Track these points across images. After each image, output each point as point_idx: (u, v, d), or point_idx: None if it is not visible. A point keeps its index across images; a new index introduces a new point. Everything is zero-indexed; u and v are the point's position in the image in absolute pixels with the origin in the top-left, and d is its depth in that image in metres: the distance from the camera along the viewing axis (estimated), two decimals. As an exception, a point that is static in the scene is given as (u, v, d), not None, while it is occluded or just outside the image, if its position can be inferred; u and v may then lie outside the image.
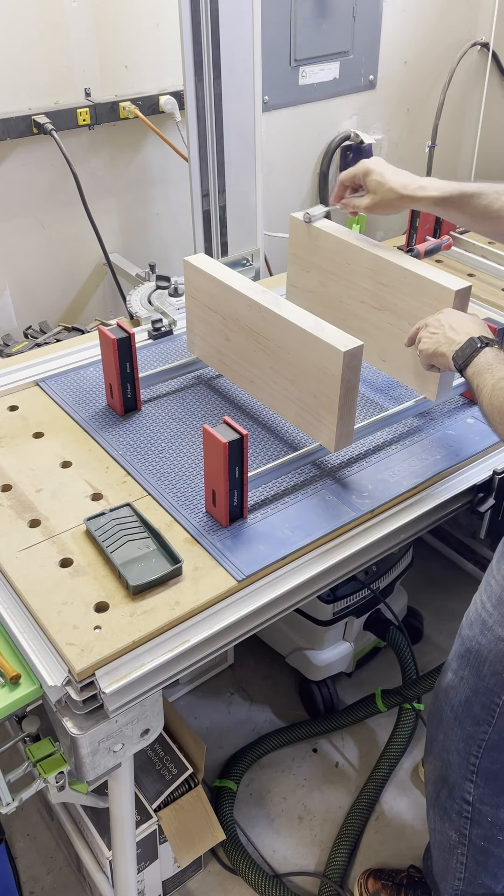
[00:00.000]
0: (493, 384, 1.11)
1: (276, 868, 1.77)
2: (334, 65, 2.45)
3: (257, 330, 1.36)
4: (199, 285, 1.47)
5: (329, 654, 1.99)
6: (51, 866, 1.77)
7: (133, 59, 2.07)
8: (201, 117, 1.73)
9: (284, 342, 1.31)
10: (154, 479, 1.33)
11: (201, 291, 1.47)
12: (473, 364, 1.16)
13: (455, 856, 1.44)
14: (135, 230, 2.30)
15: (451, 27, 2.70)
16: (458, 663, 1.34)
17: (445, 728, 1.38)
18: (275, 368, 1.36)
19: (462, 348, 1.19)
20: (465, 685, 1.32)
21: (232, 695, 2.13)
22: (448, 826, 1.43)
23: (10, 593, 1.13)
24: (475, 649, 1.29)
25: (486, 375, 1.13)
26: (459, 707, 1.34)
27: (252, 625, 1.14)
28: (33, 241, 2.14)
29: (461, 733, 1.34)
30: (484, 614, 1.28)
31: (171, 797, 1.55)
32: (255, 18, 1.70)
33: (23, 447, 1.40)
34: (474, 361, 1.16)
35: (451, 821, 1.42)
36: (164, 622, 1.07)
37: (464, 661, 1.32)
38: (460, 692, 1.33)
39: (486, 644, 1.27)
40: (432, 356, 1.26)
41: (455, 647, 1.36)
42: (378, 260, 1.42)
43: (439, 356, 1.24)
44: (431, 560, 2.49)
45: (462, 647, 1.33)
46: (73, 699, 1.01)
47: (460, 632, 1.35)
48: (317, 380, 1.26)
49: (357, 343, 1.20)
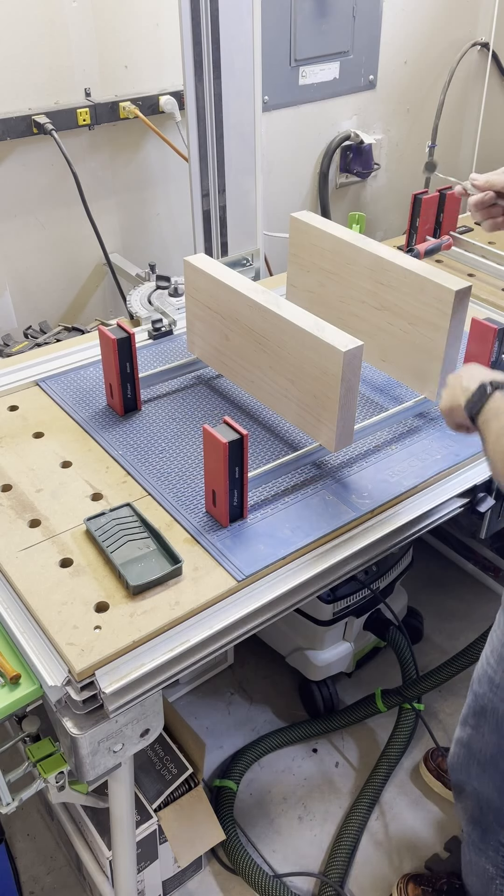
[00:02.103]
0: (497, 431, 1.04)
1: (276, 868, 1.77)
2: (334, 65, 2.45)
3: (257, 330, 1.36)
4: (199, 285, 1.47)
5: (329, 654, 1.99)
6: (51, 866, 1.77)
7: (133, 59, 2.07)
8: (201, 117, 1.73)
9: (284, 342, 1.31)
10: (154, 479, 1.33)
11: (201, 291, 1.47)
12: (483, 412, 1.07)
13: (494, 885, 1.49)
14: (135, 230, 2.30)
15: (451, 27, 2.70)
16: (475, 720, 1.38)
17: (474, 779, 1.42)
18: (275, 368, 1.36)
19: (473, 395, 1.09)
20: (488, 744, 1.37)
21: (232, 695, 2.13)
22: (485, 860, 1.48)
23: (10, 593, 1.13)
24: (490, 708, 1.33)
25: (492, 423, 1.05)
26: (487, 763, 1.38)
27: (252, 625, 1.14)
28: (33, 241, 2.14)
29: (492, 784, 1.39)
30: (490, 671, 1.32)
31: (171, 797, 1.55)
32: (255, 18, 1.70)
33: (23, 447, 1.40)
34: (484, 409, 1.07)
35: (488, 856, 1.47)
36: (164, 622, 1.07)
37: (481, 719, 1.36)
38: (486, 750, 1.38)
39: (497, 703, 1.31)
40: (451, 412, 1.15)
41: (469, 701, 1.40)
42: (378, 260, 1.42)
43: (456, 409, 1.13)
44: (431, 560, 2.49)
45: (477, 705, 1.37)
46: (73, 699, 1.01)
47: (472, 686, 1.38)
48: (317, 380, 1.26)
49: (357, 343, 1.20)
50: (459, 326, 1.35)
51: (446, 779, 1.88)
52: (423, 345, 1.40)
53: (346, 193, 2.74)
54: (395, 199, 2.89)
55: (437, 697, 2.12)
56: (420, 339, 1.40)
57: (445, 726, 2.06)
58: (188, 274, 1.49)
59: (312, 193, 2.63)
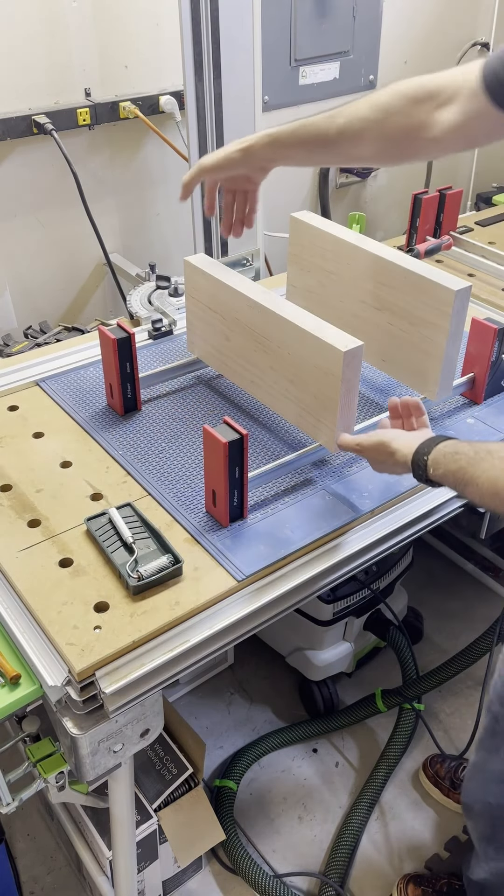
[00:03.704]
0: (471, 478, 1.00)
1: (276, 868, 1.77)
2: (334, 65, 2.45)
3: (258, 330, 1.36)
4: (200, 285, 1.47)
5: (329, 654, 1.99)
6: (51, 866, 1.77)
7: (133, 59, 2.07)
8: (201, 117, 1.73)
9: (284, 342, 1.31)
10: (154, 479, 1.33)
11: (201, 291, 1.47)
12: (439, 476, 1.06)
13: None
14: (135, 230, 2.30)
15: (451, 27, 2.70)
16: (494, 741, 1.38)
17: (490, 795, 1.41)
18: (275, 368, 1.36)
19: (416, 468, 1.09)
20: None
21: (232, 695, 2.13)
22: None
23: (10, 593, 1.13)
24: None
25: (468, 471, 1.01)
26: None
27: (252, 625, 1.14)
28: (33, 241, 2.14)
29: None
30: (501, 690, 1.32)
31: (171, 797, 1.55)
32: (255, 18, 1.70)
33: (23, 447, 1.40)
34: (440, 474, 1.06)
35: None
36: (164, 622, 1.07)
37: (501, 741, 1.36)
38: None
39: None
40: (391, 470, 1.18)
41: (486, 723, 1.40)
42: (378, 260, 1.42)
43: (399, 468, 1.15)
44: (431, 560, 2.49)
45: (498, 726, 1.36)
46: (73, 699, 1.01)
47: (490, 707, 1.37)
48: (317, 380, 1.26)
49: (357, 343, 1.20)
50: (459, 326, 1.35)
51: (444, 785, 1.89)
52: (423, 345, 1.40)
53: (346, 193, 2.74)
54: (395, 199, 2.89)
55: (437, 697, 2.13)
56: (420, 339, 1.40)
57: (446, 726, 2.06)
58: (188, 274, 1.49)
59: (312, 193, 2.63)
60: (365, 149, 1.15)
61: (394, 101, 1.11)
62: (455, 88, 1.08)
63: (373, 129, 1.13)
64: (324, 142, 1.18)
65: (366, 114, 1.13)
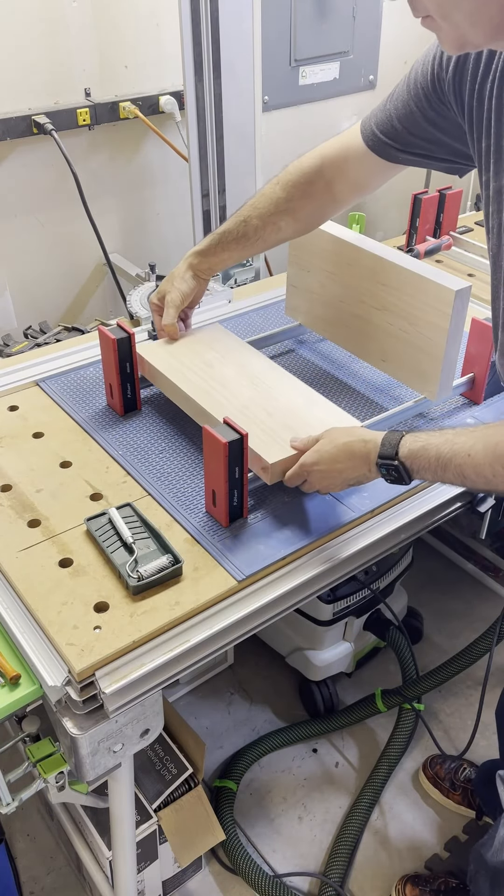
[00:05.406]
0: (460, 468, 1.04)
1: (276, 868, 1.77)
2: (334, 65, 2.45)
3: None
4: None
5: (329, 654, 1.99)
6: (51, 866, 1.77)
7: (133, 59, 2.08)
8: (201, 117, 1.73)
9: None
10: (154, 479, 1.33)
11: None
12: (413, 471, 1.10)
13: None
14: (135, 230, 2.30)
15: (451, 27, 2.69)
16: None
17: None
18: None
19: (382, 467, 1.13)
20: None
21: (232, 695, 2.13)
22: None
23: (10, 593, 1.13)
24: None
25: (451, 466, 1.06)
26: None
27: (252, 625, 1.14)
28: (33, 241, 2.14)
29: None
30: None
31: (171, 797, 1.55)
32: (255, 18, 1.70)
33: (23, 447, 1.40)
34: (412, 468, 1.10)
35: None
36: (164, 622, 1.07)
37: None
38: None
39: None
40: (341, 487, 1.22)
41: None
42: (378, 260, 1.42)
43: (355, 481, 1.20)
44: (431, 560, 2.49)
45: None
46: (73, 699, 1.01)
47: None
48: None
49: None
50: (459, 326, 1.35)
51: (444, 786, 1.89)
52: (423, 345, 1.40)
53: (346, 193, 2.73)
54: (395, 199, 2.89)
55: (437, 697, 2.13)
56: (420, 339, 1.40)
57: (446, 726, 2.06)
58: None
59: (312, 193, 2.63)
60: (284, 234, 1.40)
61: (292, 192, 1.34)
62: (342, 158, 1.29)
63: (284, 220, 1.36)
64: (245, 242, 1.39)
65: (272, 210, 1.36)
